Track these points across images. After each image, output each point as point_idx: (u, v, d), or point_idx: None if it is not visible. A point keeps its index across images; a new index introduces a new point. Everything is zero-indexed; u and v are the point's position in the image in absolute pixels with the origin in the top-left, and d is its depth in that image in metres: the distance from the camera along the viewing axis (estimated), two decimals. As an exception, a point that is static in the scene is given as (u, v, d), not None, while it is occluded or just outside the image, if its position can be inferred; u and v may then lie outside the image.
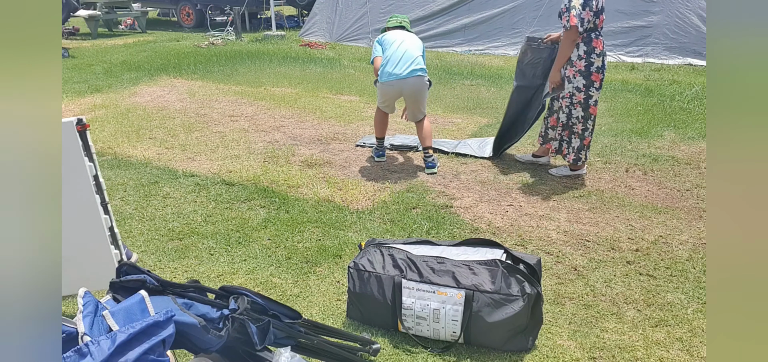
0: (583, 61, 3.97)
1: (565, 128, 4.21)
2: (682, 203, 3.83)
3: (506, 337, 2.32)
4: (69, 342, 1.65)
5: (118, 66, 8.98)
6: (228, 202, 3.85)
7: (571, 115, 4.14)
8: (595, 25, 3.92)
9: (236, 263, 3.07)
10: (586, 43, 3.95)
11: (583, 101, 4.06)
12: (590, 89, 4.02)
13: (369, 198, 3.91)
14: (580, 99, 4.06)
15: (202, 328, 1.81)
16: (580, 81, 4.02)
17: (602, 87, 4.09)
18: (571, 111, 4.13)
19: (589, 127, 4.12)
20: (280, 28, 13.00)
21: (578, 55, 3.98)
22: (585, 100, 4.05)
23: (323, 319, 2.58)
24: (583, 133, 4.13)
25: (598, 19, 3.91)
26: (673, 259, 3.11)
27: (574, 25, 3.83)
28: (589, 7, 3.85)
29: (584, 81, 4.01)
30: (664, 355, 2.35)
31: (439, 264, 2.42)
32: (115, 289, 1.99)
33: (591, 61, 3.96)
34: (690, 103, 6.36)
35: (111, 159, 4.70)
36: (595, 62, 3.96)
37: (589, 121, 4.10)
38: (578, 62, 3.99)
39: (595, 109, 4.08)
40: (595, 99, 4.05)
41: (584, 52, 3.96)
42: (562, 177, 4.30)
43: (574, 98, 4.08)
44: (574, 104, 4.09)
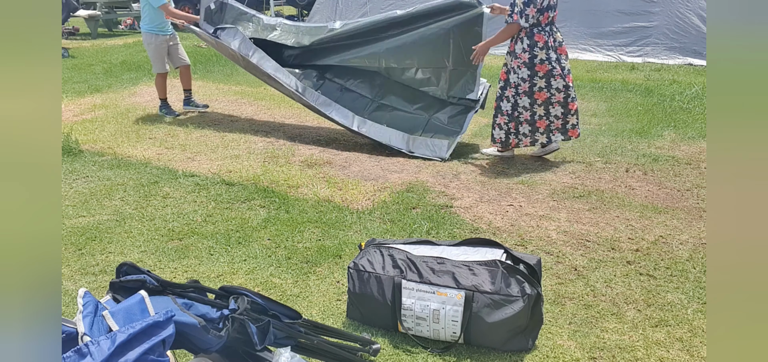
0: (527, 53, 4.29)
1: (511, 119, 4.48)
2: (682, 203, 3.83)
3: (506, 337, 2.32)
4: (69, 342, 1.65)
5: (118, 66, 8.98)
6: (228, 202, 3.85)
7: (517, 104, 4.43)
8: (539, 21, 4.23)
9: (236, 263, 3.07)
10: (529, 38, 4.27)
11: (528, 90, 4.37)
12: (534, 78, 4.33)
13: (369, 198, 3.91)
14: (525, 89, 4.37)
15: (202, 328, 1.81)
16: (524, 72, 4.33)
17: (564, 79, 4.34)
18: (516, 101, 4.43)
19: (537, 111, 4.42)
20: (280, 28, 12.99)
21: (522, 48, 4.31)
22: (529, 88, 4.36)
23: (323, 319, 2.58)
24: (532, 118, 4.45)
25: (542, 16, 4.22)
26: (673, 259, 3.11)
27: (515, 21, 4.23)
28: (534, 4, 4.16)
29: (528, 72, 4.32)
30: (664, 355, 2.35)
31: (439, 264, 2.42)
32: (115, 289, 1.99)
33: (534, 54, 4.28)
34: (690, 103, 6.36)
35: (111, 159, 4.70)
36: (539, 55, 4.27)
37: (536, 106, 4.40)
38: (522, 55, 4.32)
39: (541, 94, 4.36)
40: (540, 86, 4.33)
41: (527, 45, 4.28)
42: (491, 155, 4.73)
43: (520, 89, 4.38)
44: (520, 94, 4.40)
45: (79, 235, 3.37)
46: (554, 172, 4.39)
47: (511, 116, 4.47)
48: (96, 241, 3.31)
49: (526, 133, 4.50)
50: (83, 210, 3.74)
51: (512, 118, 4.48)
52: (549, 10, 4.23)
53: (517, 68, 4.36)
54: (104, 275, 2.95)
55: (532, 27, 4.25)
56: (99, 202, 3.85)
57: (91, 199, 3.90)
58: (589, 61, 9.06)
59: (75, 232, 3.41)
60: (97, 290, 2.81)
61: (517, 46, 4.33)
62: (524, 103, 4.40)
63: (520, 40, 4.31)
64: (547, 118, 4.46)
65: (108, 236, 3.37)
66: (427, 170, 4.45)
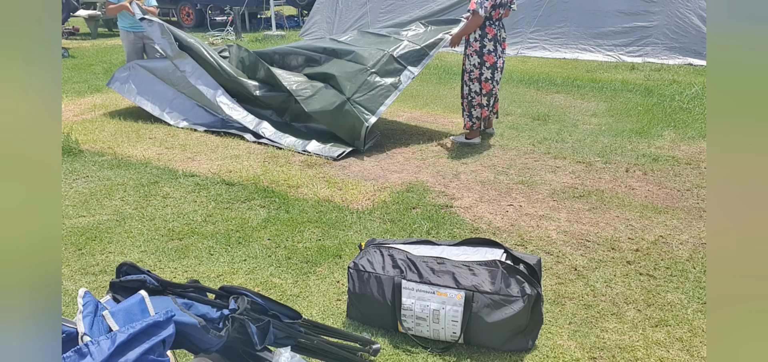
0: (478, 43, 4.73)
1: (464, 99, 4.95)
2: (682, 203, 3.83)
3: (506, 337, 2.32)
4: (69, 342, 1.65)
5: (118, 66, 8.97)
6: (228, 202, 3.85)
7: (471, 90, 4.86)
8: (491, 15, 4.63)
9: (236, 263, 3.07)
10: (481, 29, 4.70)
11: (478, 77, 4.80)
12: (482, 68, 4.76)
13: (369, 198, 3.91)
14: (476, 75, 4.80)
15: (202, 328, 1.81)
16: (475, 59, 4.78)
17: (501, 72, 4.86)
18: (470, 86, 4.87)
19: (484, 102, 4.86)
20: (280, 28, 13.00)
21: (474, 37, 4.74)
22: (479, 76, 4.79)
23: (323, 319, 2.58)
24: (480, 104, 4.87)
25: (494, 11, 4.62)
26: (673, 259, 3.11)
27: (472, 9, 4.58)
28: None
29: (478, 60, 4.76)
30: (664, 355, 2.35)
31: (439, 264, 2.42)
32: (115, 289, 1.99)
33: (484, 44, 4.70)
34: (690, 103, 6.36)
35: (111, 159, 4.70)
36: (487, 45, 4.70)
37: (483, 96, 4.85)
38: (474, 43, 4.75)
39: (487, 85, 4.80)
40: (487, 77, 4.77)
41: (479, 36, 4.72)
42: (460, 144, 5.02)
43: (472, 75, 4.83)
44: (472, 80, 4.84)
45: (79, 235, 3.37)
46: (554, 172, 4.39)
47: (466, 99, 4.93)
48: (96, 241, 3.31)
49: (478, 117, 4.95)
50: (83, 210, 3.74)
51: (468, 102, 4.93)
52: (500, 8, 4.67)
53: (470, 55, 4.80)
54: (104, 275, 2.95)
55: (484, 20, 4.67)
56: (99, 202, 3.85)
57: (91, 199, 3.90)
58: (589, 61, 9.06)
59: (75, 232, 3.41)
60: (97, 290, 2.81)
61: (471, 35, 4.77)
62: (476, 89, 4.85)
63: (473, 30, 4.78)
64: (487, 107, 4.93)
65: (108, 236, 3.37)
66: (427, 170, 4.45)
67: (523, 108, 6.38)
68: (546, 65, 8.85)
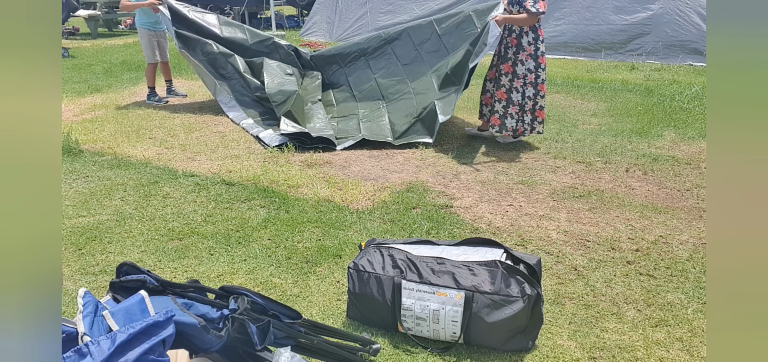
0: (532, 46, 4.66)
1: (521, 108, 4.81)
2: (682, 203, 3.83)
3: (506, 337, 2.32)
4: (69, 342, 1.65)
5: (118, 66, 8.98)
6: (228, 202, 3.85)
7: (525, 94, 4.76)
8: None
9: (236, 263, 3.07)
10: (534, 31, 4.64)
11: (533, 81, 4.72)
12: (538, 70, 4.71)
13: (369, 198, 3.91)
14: (532, 79, 4.72)
15: (202, 328, 1.81)
16: (530, 63, 4.69)
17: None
18: (524, 91, 4.75)
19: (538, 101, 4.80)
20: (280, 28, 13.00)
21: (528, 41, 4.65)
22: (535, 79, 4.72)
23: (323, 319, 2.58)
24: (533, 107, 4.80)
25: None
26: (673, 259, 3.11)
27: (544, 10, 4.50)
28: None
29: (534, 63, 4.69)
30: (664, 355, 2.35)
31: (438, 264, 2.42)
32: (115, 289, 2.00)
33: (538, 47, 4.68)
34: (690, 103, 6.36)
35: (111, 159, 4.70)
36: (541, 48, 4.68)
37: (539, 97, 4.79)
38: (529, 47, 4.67)
39: (543, 86, 4.76)
40: (543, 78, 4.74)
41: (532, 38, 4.65)
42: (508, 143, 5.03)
43: (527, 79, 4.72)
44: (527, 85, 4.74)
45: (79, 235, 3.37)
46: (554, 172, 4.39)
47: (521, 106, 4.77)
48: (96, 241, 3.31)
49: (529, 122, 4.83)
50: (83, 210, 3.74)
51: (522, 108, 4.78)
52: None
53: (524, 60, 4.67)
54: (104, 275, 2.95)
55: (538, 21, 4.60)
56: (99, 202, 3.85)
57: (91, 199, 3.90)
58: (589, 60, 9.06)
59: (75, 232, 3.41)
60: (97, 290, 2.81)
61: (523, 39, 4.65)
62: (529, 93, 4.73)
63: (526, 33, 4.64)
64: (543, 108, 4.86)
65: (108, 236, 3.37)
66: (427, 170, 4.45)
67: (523, 108, 6.37)
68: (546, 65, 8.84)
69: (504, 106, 4.81)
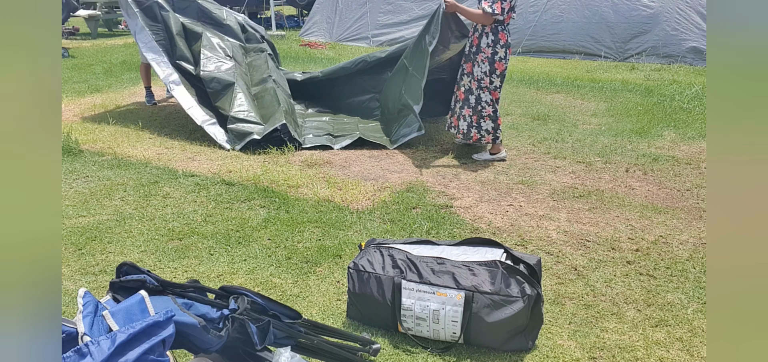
0: (490, 49, 4.39)
1: (474, 112, 4.57)
2: (682, 203, 3.83)
3: (506, 337, 2.32)
4: (69, 342, 1.65)
5: (118, 66, 8.97)
6: (228, 202, 3.85)
7: (480, 98, 4.53)
8: (504, 19, 4.32)
9: (236, 263, 3.07)
10: (494, 34, 4.38)
11: (488, 85, 4.47)
12: (492, 76, 4.44)
13: (369, 198, 3.91)
14: (486, 83, 4.47)
15: (202, 328, 1.81)
16: (486, 67, 4.44)
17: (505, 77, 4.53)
18: (479, 94, 4.52)
19: (491, 112, 4.53)
20: (280, 28, 13.00)
21: (487, 42, 4.41)
22: (489, 84, 4.47)
23: (323, 319, 2.58)
24: (494, 114, 4.54)
25: (507, 15, 4.32)
26: (673, 259, 3.11)
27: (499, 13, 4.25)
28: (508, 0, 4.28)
29: (489, 67, 4.43)
30: (664, 355, 2.35)
31: (438, 264, 2.42)
32: (115, 289, 1.99)
33: (496, 51, 4.39)
34: (690, 103, 6.36)
35: (111, 159, 4.70)
36: (499, 52, 4.39)
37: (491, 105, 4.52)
38: (486, 49, 4.41)
39: (496, 94, 4.51)
40: (496, 85, 4.47)
41: (492, 41, 4.39)
42: (485, 160, 4.67)
43: (482, 83, 4.48)
44: (482, 88, 4.50)
45: (79, 235, 3.37)
46: (554, 172, 4.39)
47: (475, 109, 4.57)
48: (96, 241, 3.31)
49: (488, 129, 4.58)
50: (83, 210, 3.74)
51: (475, 112, 4.57)
52: (512, 11, 4.38)
53: (480, 62, 4.46)
54: (104, 275, 2.95)
55: (497, 24, 4.37)
56: (99, 202, 3.85)
57: (91, 199, 3.90)
58: (588, 61, 9.06)
59: (75, 232, 3.41)
60: (97, 290, 2.81)
61: (483, 41, 4.43)
62: (486, 98, 4.52)
63: (486, 34, 4.41)
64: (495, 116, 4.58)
65: (108, 236, 3.37)
66: (427, 170, 4.45)
67: (523, 108, 6.38)
68: (546, 65, 8.85)
69: (460, 106, 4.67)
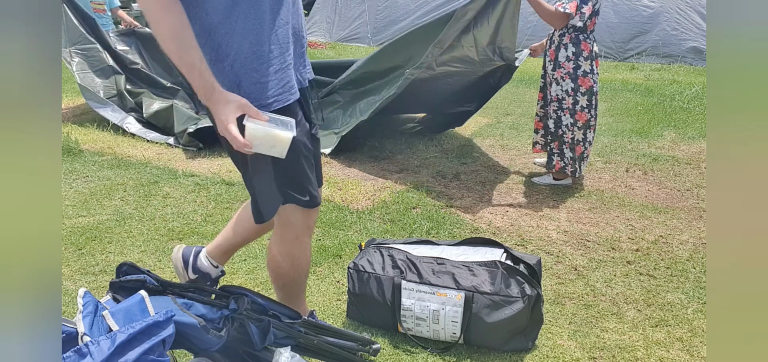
0: (571, 63, 3.72)
1: (555, 138, 3.93)
2: (682, 203, 3.83)
3: (506, 338, 2.32)
4: (69, 342, 1.65)
5: (118, 66, 8.96)
6: (228, 202, 3.85)
7: (560, 121, 3.85)
8: (587, 25, 3.69)
9: (236, 263, 3.07)
10: (575, 45, 3.71)
11: (570, 106, 3.80)
12: (576, 94, 3.77)
13: (369, 198, 3.91)
14: (569, 104, 3.79)
15: (202, 328, 1.81)
16: (568, 84, 3.75)
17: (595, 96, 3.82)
18: (560, 117, 3.85)
19: (580, 137, 3.84)
20: (280, 28, 12.98)
21: (566, 56, 3.73)
22: (572, 105, 3.79)
23: (323, 319, 2.58)
24: (576, 141, 3.86)
25: (590, 21, 3.70)
26: (673, 259, 3.11)
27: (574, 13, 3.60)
28: (592, 2, 3.63)
29: (572, 85, 3.75)
30: (664, 355, 2.35)
31: (438, 265, 2.42)
32: (114, 289, 1.99)
33: (578, 64, 3.73)
34: (690, 103, 6.36)
35: (111, 159, 4.70)
36: (583, 66, 3.72)
37: (576, 128, 3.82)
38: (566, 64, 3.73)
39: (583, 116, 3.80)
40: (582, 105, 3.78)
41: (572, 53, 3.72)
42: (547, 185, 4.09)
43: (563, 103, 3.80)
44: (563, 110, 3.82)
45: (79, 235, 3.37)
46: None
47: (555, 135, 3.91)
48: (96, 241, 3.31)
49: (573, 157, 3.89)
50: (83, 210, 3.74)
51: (556, 137, 3.90)
52: (596, 16, 3.71)
53: (560, 79, 3.77)
54: (104, 275, 2.95)
55: (578, 32, 3.70)
56: (99, 202, 3.85)
57: (91, 199, 3.90)
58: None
59: (75, 232, 3.41)
60: (97, 290, 2.81)
61: (561, 54, 3.74)
62: (567, 121, 3.82)
63: (565, 46, 3.72)
64: (584, 143, 3.86)
65: (108, 236, 3.37)
66: (427, 170, 4.45)
67: (523, 108, 6.38)
68: (546, 65, 8.84)
69: (541, 135, 4.12)
